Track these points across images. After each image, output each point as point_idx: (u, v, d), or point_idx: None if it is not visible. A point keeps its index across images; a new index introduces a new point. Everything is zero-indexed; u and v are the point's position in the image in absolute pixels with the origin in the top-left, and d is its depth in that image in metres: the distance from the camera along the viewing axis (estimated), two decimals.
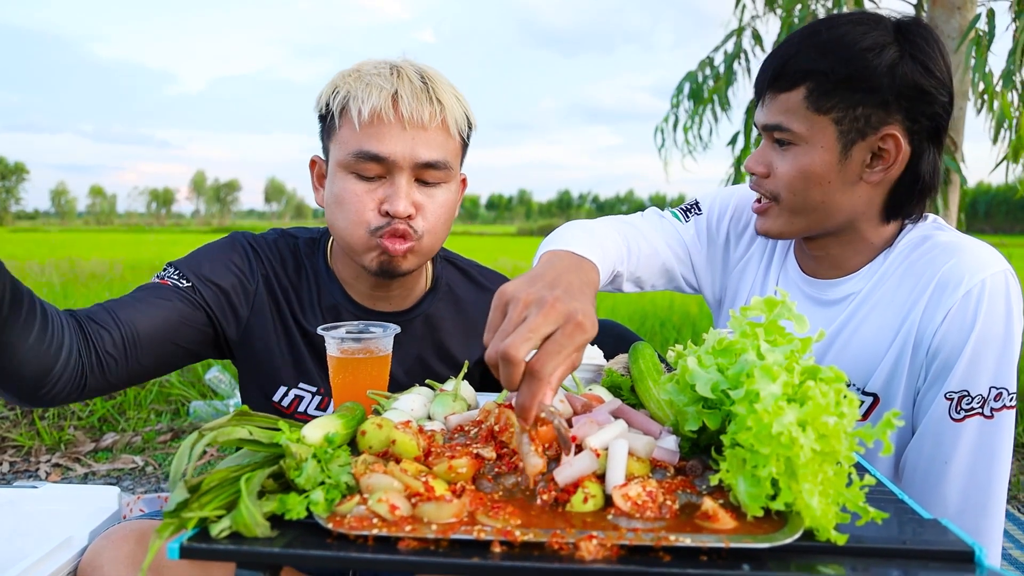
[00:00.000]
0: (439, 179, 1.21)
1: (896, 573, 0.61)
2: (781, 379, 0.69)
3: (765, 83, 1.20)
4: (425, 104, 1.16)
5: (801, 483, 0.66)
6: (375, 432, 0.81)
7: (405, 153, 1.15)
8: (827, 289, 1.29)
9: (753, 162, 1.24)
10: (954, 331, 1.11)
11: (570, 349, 0.76)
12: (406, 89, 1.16)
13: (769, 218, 1.25)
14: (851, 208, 1.20)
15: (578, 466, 0.74)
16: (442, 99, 1.19)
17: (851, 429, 0.68)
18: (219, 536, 0.66)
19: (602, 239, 1.18)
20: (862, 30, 1.13)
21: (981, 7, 3.39)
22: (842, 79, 1.12)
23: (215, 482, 0.71)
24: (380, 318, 1.32)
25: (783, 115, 1.17)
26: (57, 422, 3.37)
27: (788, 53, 1.16)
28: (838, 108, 1.13)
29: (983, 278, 1.10)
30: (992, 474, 1.12)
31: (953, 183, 3.51)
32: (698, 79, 4.40)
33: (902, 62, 1.11)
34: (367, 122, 1.15)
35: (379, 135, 1.15)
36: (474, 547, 0.64)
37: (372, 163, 1.16)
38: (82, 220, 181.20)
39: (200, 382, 3.82)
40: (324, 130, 1.25)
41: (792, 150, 1.18)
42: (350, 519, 0.68)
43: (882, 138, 1.14)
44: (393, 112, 1.15)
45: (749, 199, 1.44)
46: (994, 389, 1.10)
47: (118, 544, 0.99)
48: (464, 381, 1.03)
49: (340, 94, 1.19)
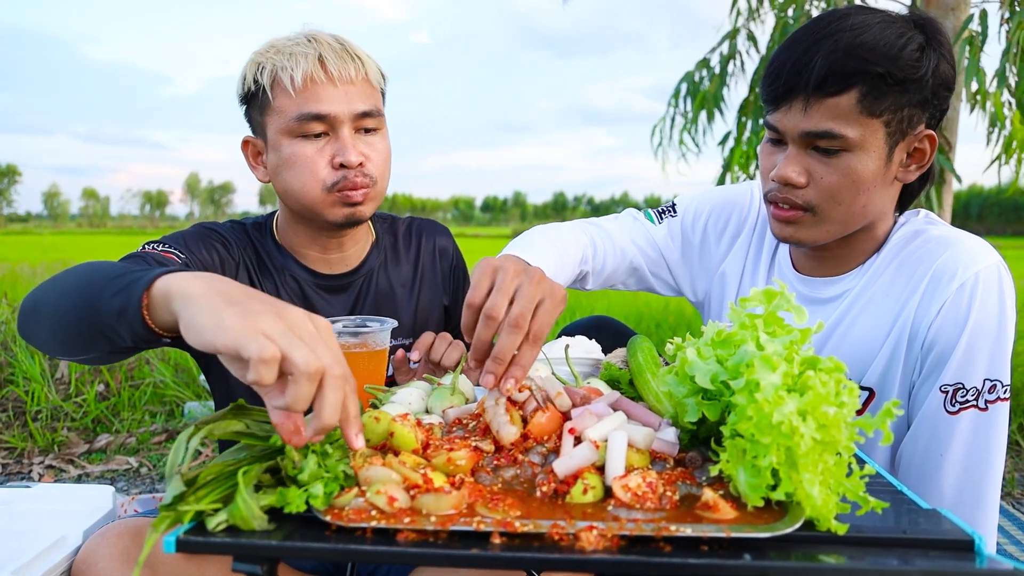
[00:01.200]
0: (376, 126, 1.31)
1: (896, 562, 0.61)
2: (781, 369, 0.69)
3: (806, 85, 1.10)
4: (348, 62, 1.26)
5: (802, 473, 0.66)
6: (373, 425, 0.81)
7: (343, 107, 1.24)
8: (822, 287, 1.29)
9: (792, 172, 1.15)
10: (948, 324, 1.11)
11: (553, 318, 0.87)
12: (327, 52, 1.25)
13: (801, 227, 1.19)
14: (882, 208, 1.19)
15: (578, 457, 0.73)
16: (359, 56, 1.29)
17: (851, 419, 0.68)
18: (216, 529, 0.65)
19: (565, 242, 1.29)
20: (898, 30, 1.09)
21: (974, 8, 3.41)
22: (897, 81, 1.08)
23: (212, 475, 0.71)
24: (335, 280, 1.40)
25: (833, 121, 1.10)
26: (50, 423, 3.35)
27: (832, 54, 1.08)
28: (889, 110, 1.10)
29: (976, 271, 1.11)
30: (987, 466, 1.12)
31: (947, 183, 3.52)
32: (695, 80, 4.41)
33: (941, 61, 1.11)
34: (301, 87, 1.23)
35: (316, 95, 1.23)
36: (474, 538, 0.64)
37: (315, 122, 1.24)
38: (75, 222, 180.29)
39: (195, 383, 3.80)
40: (255, 108, 1.32)
41: (842, 157, 1.12)
42: (348, 512, 0.67)
43: (920, 138, 1.14)
44: (323, 73, 1.23)
45: (731, 199, 1.46)
46: (988, 381, 1.11)
47: (113, 541, 0.98)
48: (462, 375, 1.03)
49: (267, 69, 1.25)
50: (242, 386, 1.30)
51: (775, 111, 1.16)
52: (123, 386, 3.64)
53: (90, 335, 0.88)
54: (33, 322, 0.97)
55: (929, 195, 3.44)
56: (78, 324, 0.89)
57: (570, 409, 0.87)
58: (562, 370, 1.11)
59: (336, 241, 1.38)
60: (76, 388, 3.55)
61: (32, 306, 0.97)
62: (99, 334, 0.87)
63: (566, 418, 0.85)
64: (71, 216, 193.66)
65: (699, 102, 4.37)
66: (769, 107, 1.18)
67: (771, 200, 1.21)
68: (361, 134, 1.29)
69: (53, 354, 1.00)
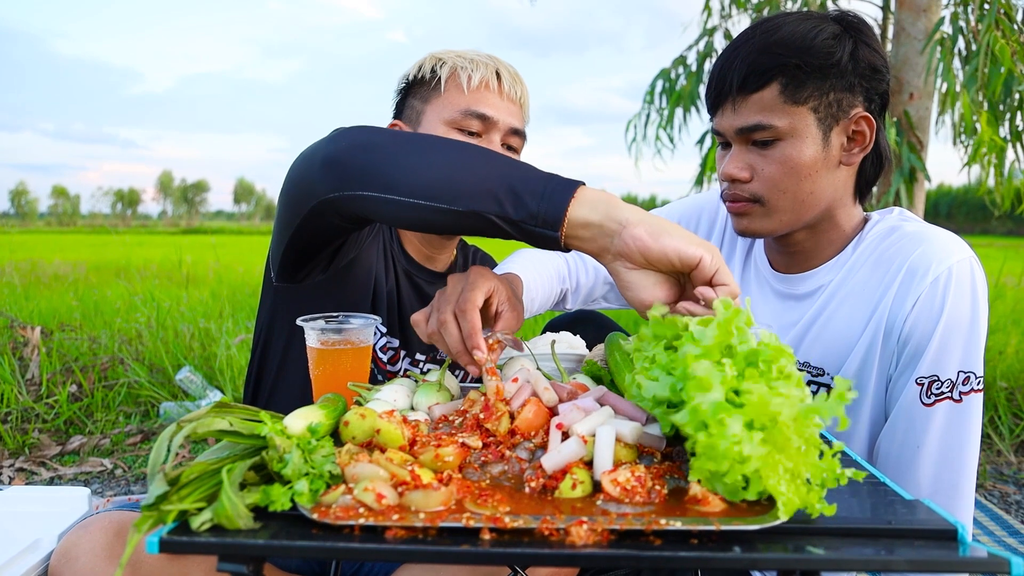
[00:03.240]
0: (517, 147, 1.44)
1: (883, 552, 0.62)
2: (716, 382, 0.68)
3: (731, 88, 1.19)
4: (517, 85, 1.42)
5: (766, 481, 0.66)
6: (358, 422, 0.80)
7: (503, 117, 1.38)
8: (797, 283, 1.32)
9: (734, 168, 1.22)
10: (923, 318, 1.14)
11: (472, 294, 0.98)
12: (504, 70, 1.41)
13: (754, 219, 1.25)
14: (832, 194, 1.23)
15: (566, 452, 0.73)
16: (524, 87, 1.45)
17: (801, 406, 0.66)
18: (200, 529, 0.64)
19: (543, 262, 1.42)
20: (812, 24, 1.17)
21: (946, 10, 3.47)
22: (814, 68, 1.15)
23: (195, 474, 0.70)
24: (426, 274, 1.52)
25: (760, 114, 1.18)
26: (20, 425, 3.27)
27: (749, 55, 1.17)
28: (813, 97, 1.16)
29: (949, 266, 1.14)
30: (962, 457, 1.15)
31: (919, 181, 3.58)
32: (672, 77, 4.43)
33: (859, 46, 1.18)
34: (475, 87, 1.37)
35: (485, 99, 1.37)
36: (463, 535, 0.63)
37: (476, 120, 1.36)
38: (44, 221, 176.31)
39: (170, 383, 3.74)
40: (417, 95, 1.42)
41: (777, 147, 1.19)
42: (335, 509, 0.66)
43: (855, 121, 1.19)
44: (497, 84, 1.39)
45: (699, 204, 1.52)
46: (962, 373, 1.14)
47: (95, 535, 0.96)
48: (448, 371, 1.02)
49: (447, 64, 1.39)
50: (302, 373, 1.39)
51: (715, 117, 1.25)
52: (96, 387, 3.57)
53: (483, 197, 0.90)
54: (393, 162, 0.94)
55: (899, 193, 3.51)
56: (484, 181, 0.90)
57: (557, 404, 0.87)
58: (548, 366, 1.11)
59: (439, 243, 1.51)
60: (48, 389, 3.48)
61: (408, 146, 0.95)
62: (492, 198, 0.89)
63: (553, 413, 0.85)
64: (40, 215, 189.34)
65: (675, 99, 4.40)
66: (711, 115, 1.27)
67: (725, 198, 1.27)
68: (504, 150, 1.41)
69: (386, 192, 0.94)
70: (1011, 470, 3.03)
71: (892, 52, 3.64)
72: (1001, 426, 3.31)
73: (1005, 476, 2.97)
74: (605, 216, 0.86)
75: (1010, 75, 3.13)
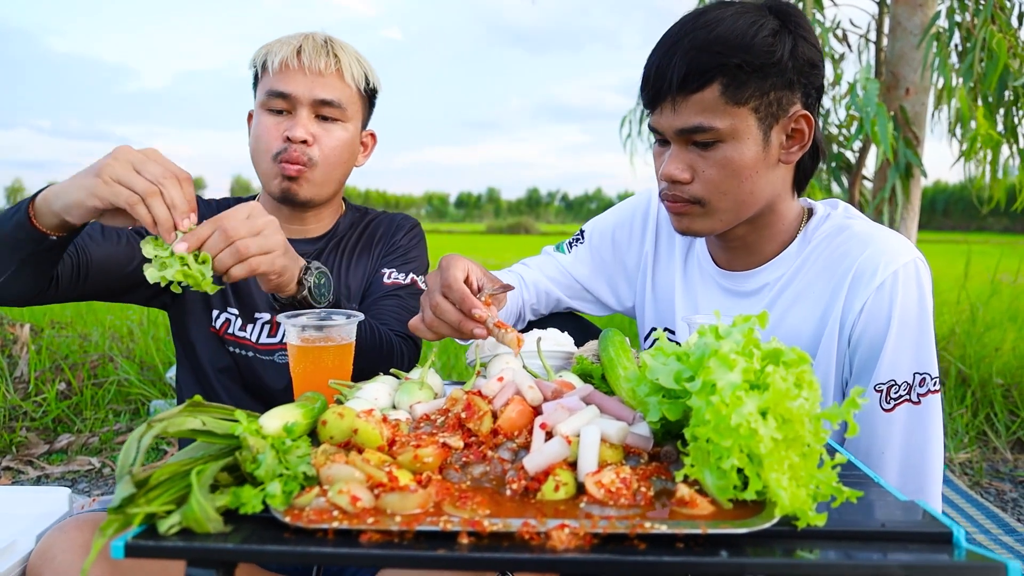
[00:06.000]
0: (335, 116, 1.45)
1: (876, 556, 0.60)
2: (740, 366, 0.67)
3: (670, 86, 1.14)
4: (323, 56, 1.43)
5: (768, 473, 0.64)
6: (336, 421, 0.77)
7: (304, 91, 1.41)
8: (742, 280, 1.31)
9: (675, 169, 1.18)
10: (872, 323, 1.15)
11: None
12: (309, 45, 1.43)
13: (695, 219, 1.22)
14: (772, 192, 1.22)
15: (548, 453, 0.71)
16: (339, 55, 1.45)
17: (816, 412, 0.67)
18: (168, 532, 0.62)
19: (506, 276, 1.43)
20: (751, 19, 1.14)
21: (942, 4, 3.45)
22: (755, 68, 1.11)
23: (165, 476, 0.67)
24: (299, 244, 1.49)
25: (701, 115, 1.13)
26: (7, 423, 3.24)
27: (688, 52, 1.12)
28: (754, 97, 1.13)
29: (895, 269, 1.14)
30: (926, 457, 1.16)
31: (915, 178, 3.56)
32: None
33: (798, 42, 1.15)
34: (277, 69, 1.42)
35: (285, 78, 1.42)
36: (440, 539, 0.61)
37: (278, 99, 1.42)
38: None
39: (161, 381, 3.71)
40: (254, 87, 1.50)
41: (718, 148, 1.15)
42: (309, 512, 0.64)
43: (795, 119, 1.17)
44: (296, 61, 1.42)
45: (633, 207, 1.51)
46: (917, 375, 1.15)
47: (72, 535, 0.96)
48: (431, 369, 1.00)
49: (263, 53, 1.46)
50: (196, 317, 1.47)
51: (652, 114, 1.21)
52: (86, 384, 3.54)
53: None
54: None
55: (895, 190, 3.49)
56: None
57: (541, 403, 0.85)
58: (534, 363, 1.09)
59: (299, 216, 1.52)
60: (36, 387, 3.44)
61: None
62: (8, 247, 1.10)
63: (537, 412, 0.83)
64: None
65: None
66: (647, 110, 1.23)
67: (663, 198, 1.25)
68: (319, 120, 1.44)
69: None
70: (1007, 467, 3.02)
71: (888, 47, 3.62)
72: (997, 423, 3.30)
73: (1001, 473, 2.96)
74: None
75: (1006, 70, 3.11)
